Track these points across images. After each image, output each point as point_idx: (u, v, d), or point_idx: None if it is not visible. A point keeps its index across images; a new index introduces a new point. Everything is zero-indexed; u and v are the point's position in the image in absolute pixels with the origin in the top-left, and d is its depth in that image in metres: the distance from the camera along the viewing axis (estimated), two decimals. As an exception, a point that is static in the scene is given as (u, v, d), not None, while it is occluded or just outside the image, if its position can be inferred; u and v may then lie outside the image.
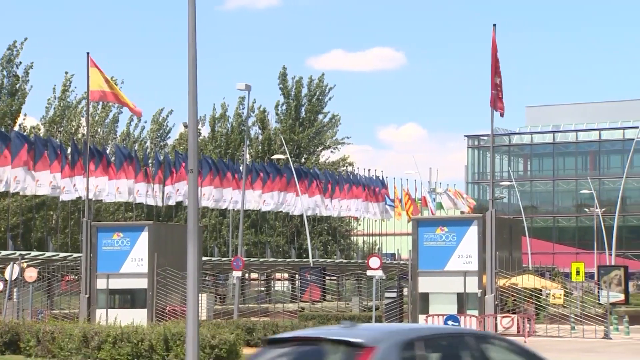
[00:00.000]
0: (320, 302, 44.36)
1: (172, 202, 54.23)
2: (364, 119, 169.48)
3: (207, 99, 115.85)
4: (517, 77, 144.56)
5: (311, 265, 51.54)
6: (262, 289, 52.46)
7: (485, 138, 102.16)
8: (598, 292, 46.41)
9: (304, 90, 77.18)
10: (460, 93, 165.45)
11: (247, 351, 20.79)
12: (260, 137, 76.29)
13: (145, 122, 72.19)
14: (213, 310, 40.97)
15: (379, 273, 40.23)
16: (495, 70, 38.72)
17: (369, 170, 65.74)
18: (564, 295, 41.51)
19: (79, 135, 61.08)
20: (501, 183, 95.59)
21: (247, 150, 62.58)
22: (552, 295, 41.05)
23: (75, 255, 44.03)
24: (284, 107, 77.18)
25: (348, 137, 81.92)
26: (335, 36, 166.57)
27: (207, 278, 45.83)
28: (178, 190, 51.83)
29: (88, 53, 38.63)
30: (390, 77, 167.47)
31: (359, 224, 77.59)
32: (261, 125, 76.54)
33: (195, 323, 13.70)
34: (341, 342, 8.38)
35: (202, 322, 21.06)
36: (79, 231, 48.70)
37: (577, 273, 40.91)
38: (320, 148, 79.06)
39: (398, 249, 75.84)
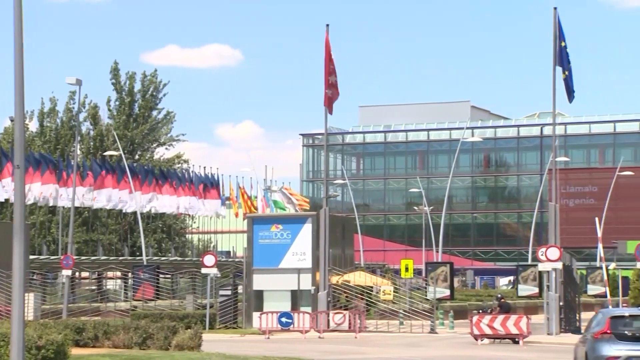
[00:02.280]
0: (153, 300, 43.80)
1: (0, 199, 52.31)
2: (201, 116, 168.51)
3: (36, 93, 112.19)
4: (350, 77, 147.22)
5: (145, 263, 50.84)
6: (94, 287, 51.32)
7: (320, 137, 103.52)
8: (426, 287, 47.90)
9: (138, 86, 76.03)
10: (296, 92, 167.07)
11: (76, 351, 20.29)
12: (92, 132, 74.65)
13: (-30, 115, 69.27)
14: (41, 310, 39.82)
15: (214, 271, 40.12)
16: (329, 70, 39.31)
17: (205, 167, 65.38)
18: (394, 291, 42.55)
19: None
20: (335, 181, 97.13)
21: (78, 146, 60.97)
22: (383, 292, 42.03)
23: None
24: (116, 103, 75.76)
25: (183, 134, 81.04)
26: (170, 31, 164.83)
27: (34, 277, 44.43)
28: (4, 186, 50.04)
29: None
30: (227, 75, 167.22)
31: (194, 222, 77.09)
32: (93, 120, 74.90)
33: (20, 323, 13.30)
34: None
35: (28, 322, 20.39)
36: None
37: (406, 270, 42.06)
38: (154, 145, 78.06)
39: (233, 247, 75.81)
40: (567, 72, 36.69)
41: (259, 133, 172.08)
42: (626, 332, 17.67)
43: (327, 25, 39.84)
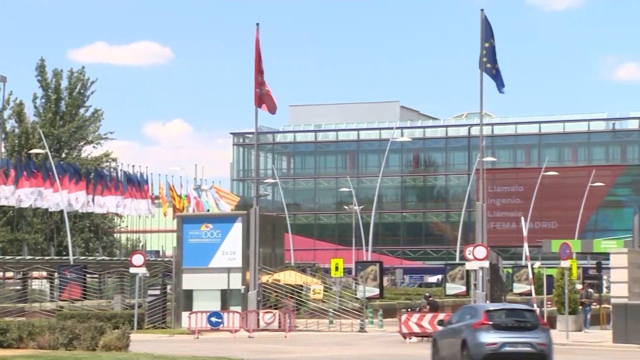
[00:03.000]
0: (80, 300, 43.18)
1: None
2: (130, 114, 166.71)
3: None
4: (281, 77, 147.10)
5: (71, 262, 50.12)
6: (18, 288, 50.37)
7: (250, 136, 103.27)
8: (355, 286, 48.12)
9: (64, 83, 74.84)
10: (226, 90, 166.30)
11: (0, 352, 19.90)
12: (17, 130, 73.28)
13: None
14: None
15: (143, 270, 39.73)
16: (260, 69, 39.24)
17: (134, 166, 64.68)
18: (324, 290, 42.67)
19: None
20: (265, 180, 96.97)
21: (3, 144, 59.77)
22: (313, 291, 42.12)
23: None
24: (42, 100, 74.49)
25: (112, 133, 79.87)
26: (98, 28, 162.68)
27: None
28: None
29: None
30: (156, 72, 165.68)
31: (123, 221, 76.19)
32: (18, 118, 73.51)
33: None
34: None
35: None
36: None
37: (336, 269, 42.21)
38: (82, 143, 76.95)
39: (163, 246, 75.13)
40: (495, 70, 37.13)
41: (189, 132, 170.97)
42: (501, 323, 20.89)
43: (257, 24, 39.83)
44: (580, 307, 36.32)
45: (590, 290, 39.86)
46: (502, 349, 20.48)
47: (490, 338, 20.54)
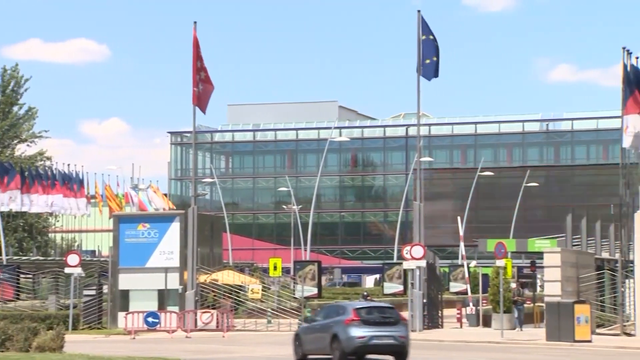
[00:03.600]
0: (13, 301, 42.51)
1: None
2: (65, 113, 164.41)
3: None
4: (219, 76, 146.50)
5: (4, 263, 49.31)
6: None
7: (188, 135, 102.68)
8: (294, 286, 48.17)
9: (-3, 81, 73.67)
10: (164, 89, 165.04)
11: None
12: (-51, 128, 71.90)
13: None
14: None
15: (78, 270, 39.29)
16: (198, 68, 39.05)
17: (69, 165, 63.81)
18: (262, 290, 42.62)
19: None
20: (204, 180, 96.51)
21: None
22: (251, 290, 42.04)
23: None
24: (-25, 98, 73.21)
25: (46, 131, 78.74)
26: (33, 24, 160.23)
27: None
28: None
29: None
30: (92, 70, 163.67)
31: (58, 220, 75.17)
32: (-51, 116, 72.16)
33: None
34: None
35: None
36: None
37: (275, 268, 42.21)
38: (15, 141, 75.74)
39: (99, 246, 74.35)
40: (430, 60, 37.37)
41: (125, 130, 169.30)
42: (369, 319, 23.62)
43: (195, 22, 39.63)
44: (513, 305, 36.82)
45: (523, 288, 40.37)
46: (370, 341, 23.30)
47: (360, 332, 23.30)
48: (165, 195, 73.23)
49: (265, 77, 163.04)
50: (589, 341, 30.14)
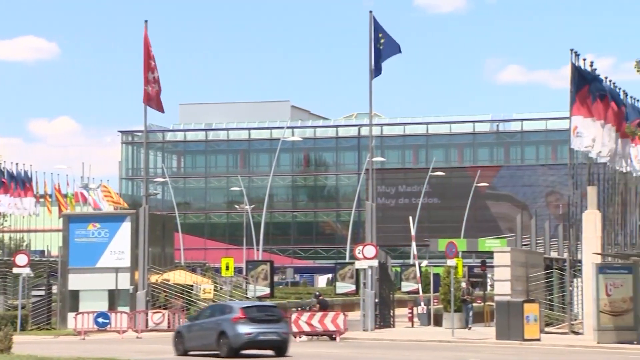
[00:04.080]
0: (-41, 302, 41.89)
1: None
2: (14, 111, 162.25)
3: None
4: (171, 75, 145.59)
5: (-49, 263, 48.53)
6: None
7: (140, 134, 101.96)
8: (246, 286, 48.09)
9: (-54, 78, 72.59)
10: (115, 88, 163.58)
11: None
12: None
13: None
14: None
15: (27, 270, 38.87)
16: (149, 67, 38.80)
17: (17, 164, 62.98)
18: (214, 289, 42.47)
19: None
20: (155, 179, 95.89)
21: None
22: (203, 290, 41.85)
23: None
24: None
25: (-5, 129, 77.82)
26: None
27: None
28: None
29: None
30: (42, 68, 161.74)
31: (5, 220, 74.12)
32: None
33: None
34: None
35: None
36: None
37: (227, 268, 42.09)
38: (-37, 139, 74.62)
39: (48, 246, 73.46)
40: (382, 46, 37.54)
41: (75, 129, 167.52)
42: (255, 317, 25.33)
43: (146, 21, 39.37)
44: (463, 304, 37.07)
45: (472, 287, 40.59)
46: (257, 337, 25.13)
47: (247, 329, 25.07)
48: (119, 194, 72.58)
49: (218, 76, 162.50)
50: (538, 340, 30.49)
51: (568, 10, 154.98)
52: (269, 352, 25.91)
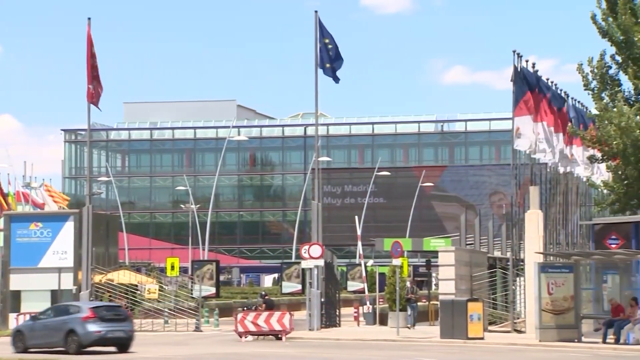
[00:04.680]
0: None
1: None
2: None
3: None
4: (114, 73, 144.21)
5: None
6: None
7: (83, 133, 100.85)
8: (191, 286, 47.86)
9: None
10: (58, 86, 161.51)
11: None
12: None
13: None
14: None
15: (-33, 271, 38.20)
16: (92, 65, 38.42)
17: (-42, 162, 61.91)
18: (159, 290, 42.21)
19: None
20: (99, 178, 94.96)
21: None
22: (147, 290, 41.57)
23: None
24: None
25: None
26: None
27: None
28: None
29: None
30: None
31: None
32: None
33: None
34: None
35: None
36: None
37: (172, 268, 41.84)
38: None
39: (-12, 246, 72.15)
40: (329, 65, 37.65)
41: (17, 127, 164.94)
42: (103, 316, 27.30)
43: (89, 18, 38.95)
44: (407, 303, 37.27)
45: (417, 286, 40.86)
46: (106, 335, 27.05)
47: (97, 327, 26.98)
48: (62, 193, 71.69)
49: (163, 75, 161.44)
50: (482, 338, 30.80)
51: (512, 12, 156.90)
52: (112, 348, 27.61)
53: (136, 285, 43.28)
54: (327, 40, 37.75)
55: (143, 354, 27.27)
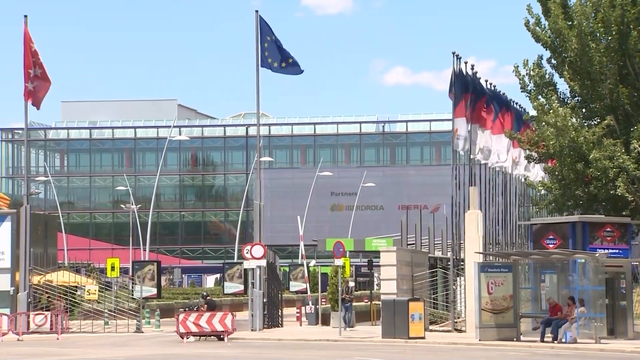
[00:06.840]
0: None
1: None
2: None
3: None
4: (52, 71, 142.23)
5: None
6: None
7: (20, 132, 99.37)
8: (132, 286, 47.45)
9: None
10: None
11: None
12: None
13: None
14: None
15: None
16: (31, 63, 37.90)
17: None
18: (99, 291, 41.77)
19: None
20: (37, 178, 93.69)
21: None
22: (87, 291, 41.12)
23: None
24: None
25: None
26: None
27: None
28: None
29: None
30: None
31: None
32: None
33: None
34: None
35: None
36: None
37: (112, 269, 41.44)
38: None
39: None
40: (285, 63, 37.58)
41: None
42: None
43: (26, 16, 38.42)
44: (341, 303, 37.22)
45: (351, 285, 40.79)
46: None
47: None
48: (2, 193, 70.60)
49: (102, 74, 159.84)
50: (423, 338, 31.05)
51: (451, 13, 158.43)
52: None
53: (76, 287, 42.79)
54: (270, 38, 37.64)
55: (82, 356, 26.98)
